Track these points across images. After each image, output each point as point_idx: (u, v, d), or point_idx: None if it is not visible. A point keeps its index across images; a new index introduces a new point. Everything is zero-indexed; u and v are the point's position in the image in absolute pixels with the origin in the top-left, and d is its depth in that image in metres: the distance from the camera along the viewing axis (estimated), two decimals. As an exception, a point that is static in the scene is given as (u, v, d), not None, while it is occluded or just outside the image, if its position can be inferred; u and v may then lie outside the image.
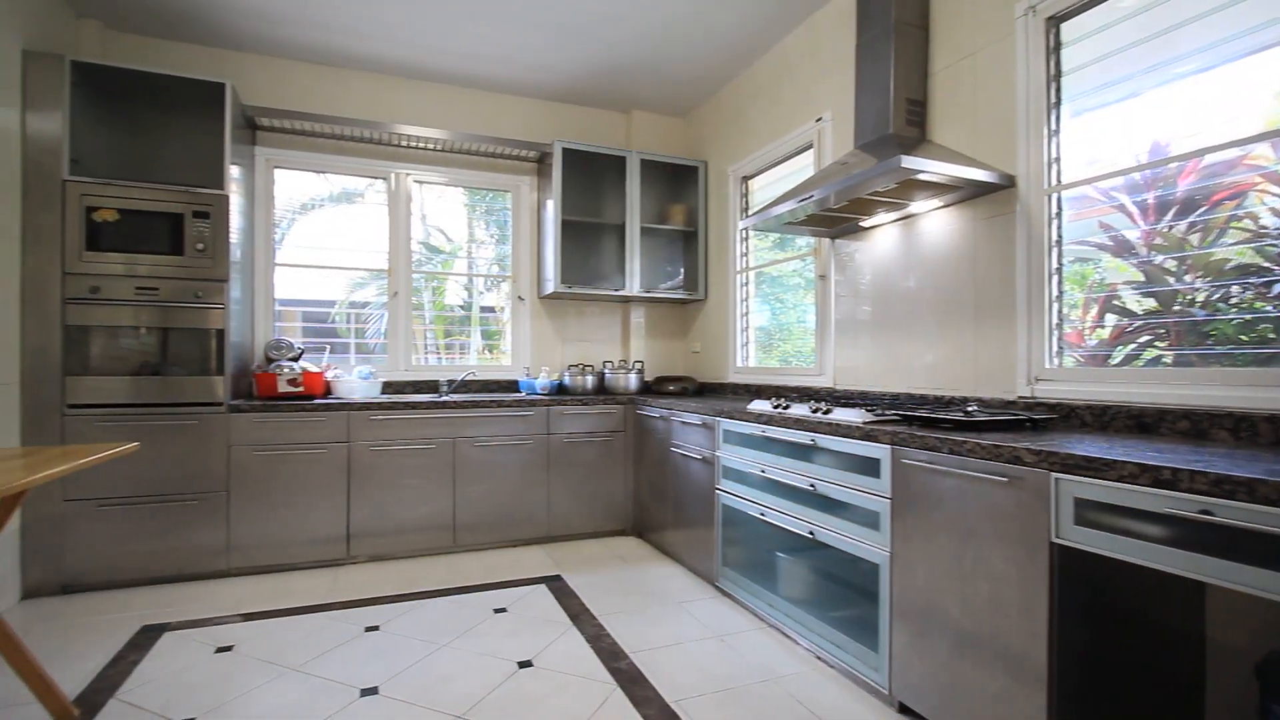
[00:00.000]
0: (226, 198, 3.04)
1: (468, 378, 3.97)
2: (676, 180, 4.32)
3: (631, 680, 2.08)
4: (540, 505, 3.55)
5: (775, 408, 2.53)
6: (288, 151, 3.70)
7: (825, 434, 2.16)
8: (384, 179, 3.95)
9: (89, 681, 2.07)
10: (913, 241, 2.58)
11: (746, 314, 3.83)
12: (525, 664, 2.19)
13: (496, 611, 2.65)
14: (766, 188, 3.70)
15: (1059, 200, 2.10)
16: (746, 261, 3.84)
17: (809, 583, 2.27)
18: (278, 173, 3.73)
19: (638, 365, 4.14)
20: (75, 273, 2.81)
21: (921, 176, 2.08)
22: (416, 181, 4.01)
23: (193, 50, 3.49)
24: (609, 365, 4.13)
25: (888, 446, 1.90)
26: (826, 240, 3.08)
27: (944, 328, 2.44)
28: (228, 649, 2.30)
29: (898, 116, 2.46)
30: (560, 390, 3.94)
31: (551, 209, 3.87)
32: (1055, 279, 2.10)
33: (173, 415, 2.93)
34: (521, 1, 3.08)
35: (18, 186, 2.73)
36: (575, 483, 3.62)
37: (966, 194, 2.28)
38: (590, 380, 3.94)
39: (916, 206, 2.46)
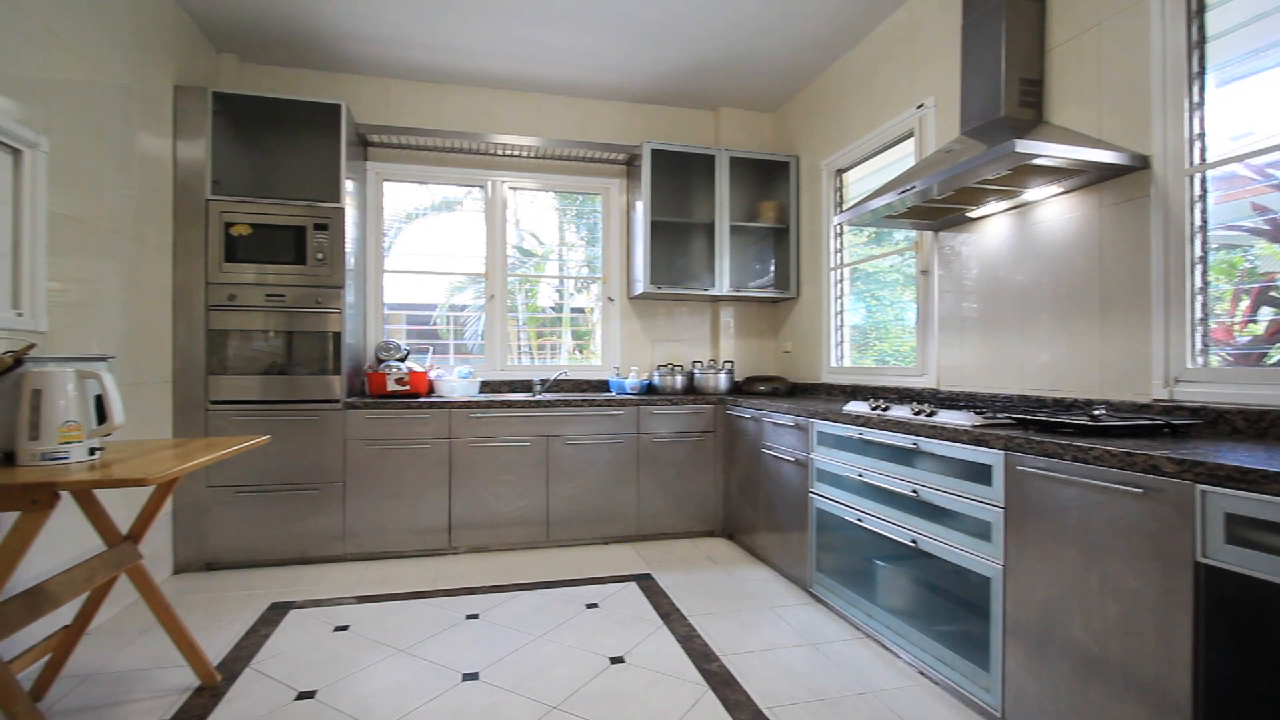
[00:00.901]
0: (342, 210, 3.28)
1: (560, 377, 4.07)
2: (766, 177, 4.24)
3: (723, 683, 2.06)
4: (630, 504, 3.59)
5: (874, 409, 2.43)
6: (395, 165, 3.94)
7: (929, 438, 2.04)
8: (481, 187, 4.13)
9: (228, 650, 2.29)
10: (1027, 232, 2.40)
11: (841, 312, 3.70)
12: (617, 660, 2.22)
13: (589, 606, 2.70)
14: (862, 180, 3.56)
15: (1203, 181, 1.88)
16: (841, 258, 3.71)
17: (911, 593, 2.16)
18: (386, 185, 3.98)
19: (727, 365, 4.10)
20: (216, 282, 3.13)
21: (1039, 161, 1.92)
22: (511, 188, 4.16)
23: (313, 76, 3.79)
24: (698, 365, 4.11)
25: (1000, 452, 1.77)
26: (929, 233, 2.92)
27: (1063, 324, 2.25)
28: (344, 628, 2.48)
29: (1010, 98, 2.29)
30: (650, 390, 3.97)
31: (641, 210, 3.90)
32: (1198, 269, 1.88)
33: (297, 411, 3.19)
34: (607, 6, 3.13)
35: (169, 207, 3.07)
36: (665, 482, 3.63)
37: (1090, 178, 2.09)
38: (680, 380, 3.94)
39: (1032, 194, 2.28)
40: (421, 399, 3.40)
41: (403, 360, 3.63)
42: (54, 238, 2.26)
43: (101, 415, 1.70)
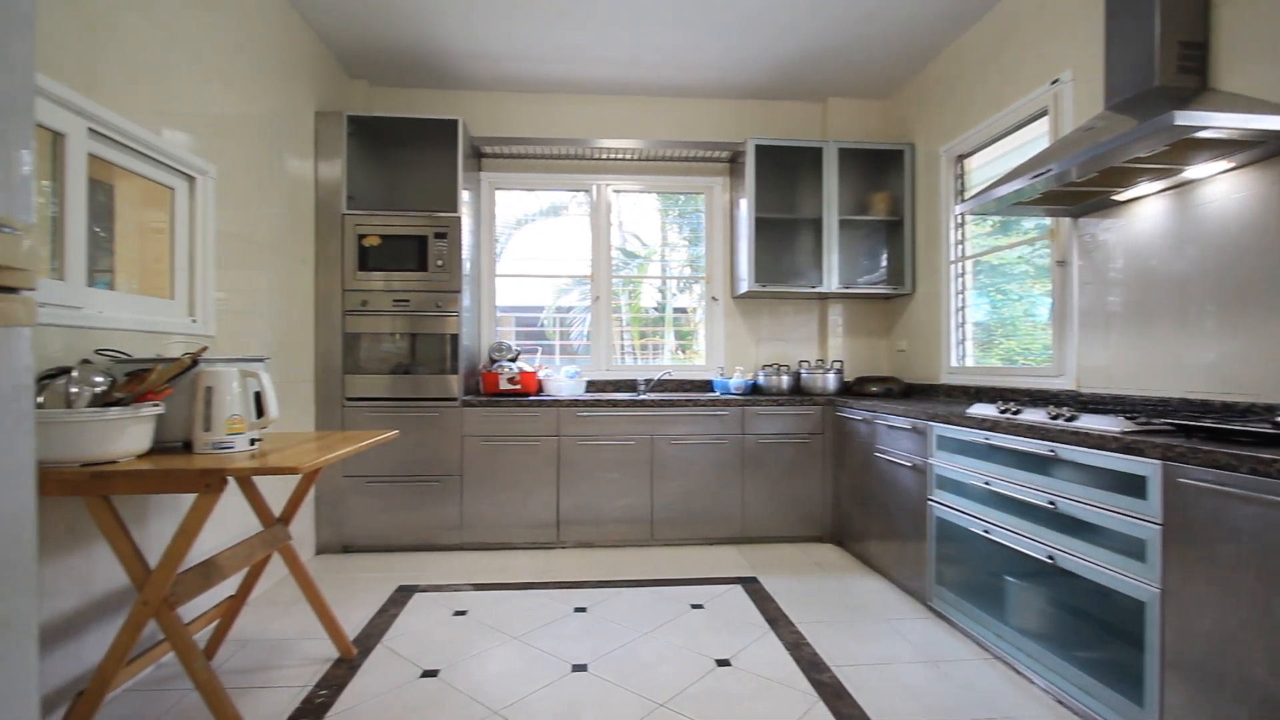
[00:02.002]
0: (459, 219, 3.48)
1: (664, 377, 4.09)
2: (878, 167, 4.05)
3: (835, 695, 1.98)
4: (734, 506, 3.54)
5: (1002, 412, 2.24)
6: (505, 174, 4.13)
7: (1069, 444, 1.86)
8: (586, 191, 4.23)
9: (362, 627, 2.49)
10: (1187, 215, 2.12)
11: (962, 308, 3.46)
12: (723, 662, 2.20)
13: (694, 607, 2.69)
14: (985, 167, 3.31)
15: None
16: (962, 250, 3.46)
17: (1047, 613, 1.97)
18: (498, 194, 4.18)
19: (836, 365, 3.95)
20: (350, 289, 3.41)
21: (1205, 134, 1.70)
22: (615, 191, 4.24)
23: (433, 94, 4.05)
24: (805, 365, 3.99)
25: (1157, 462, 1.58)
26: (1066, 220, 2.66)
27: (1233, 318, 1.97)
28: (463, 613, 2.62)
29: (1166, 64, 2.04)
30: (755, 390, 3.90)
31: (745, 207, 3.84)
32: None
33: (419, 408, 3.42)
34: (711, 6, 3.11)
35: (312, 222, 3.39)
36: (770, 485, 3.55)
37: (1270, 150, 1.82)
38: (786, 380, 3.84)
39: (1194, 171, 2.01)
40: (531, 398, 3.53)
41: (514, 360, 3.79)
42: (220, 253, 2.56)
43: (259, 410, 1.90)
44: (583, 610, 2.65)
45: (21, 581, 0.77)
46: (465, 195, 3.59)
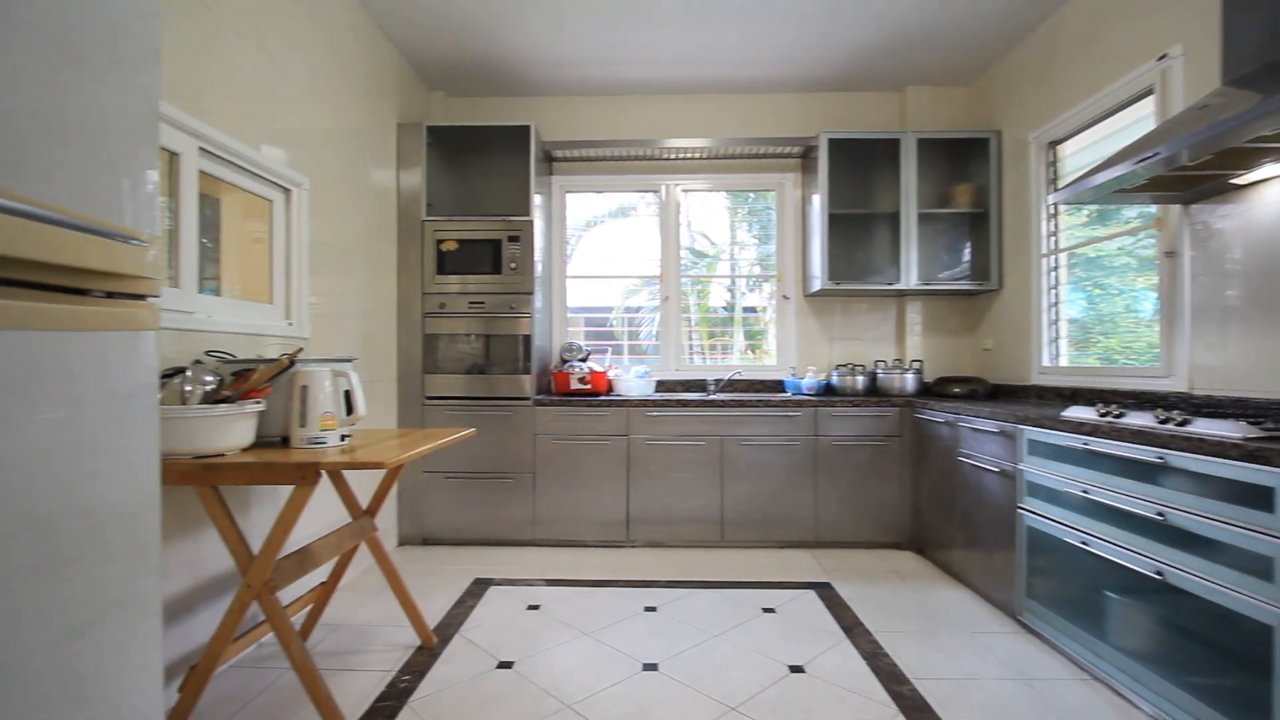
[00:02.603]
0: (531, 222, 3.56)
1: (734, 377, 4.05)
2: (960, 157, 3.86)
3: (916, 709, 1.90)
4: (807, 509, 3.46)
5: (1102, 416, 2.09)
6: (575, 177, 4.20)
7: (1182, 451, 1.71)
8: (655, 191, 4.24)
9: (441, 617, 2.58)
10: (1325, 196, 1.91)
11: (1056, 304, 3.24)
12: (797, 669, 2.15)
13: (765, 611, 2.64)
14: (1081, 153, 3.09)
15: None
16: (1055, 242, 3.25)
17: (1155, 634, 1.82)
18: (568, 196, 4.25)
19: (915, 365, 3.79)
20: (429, 292, 3.56)
21: (1346, 105, 1.52)
22: (684, 190, 4.23)
23: (506, 102, 4.16)
24: (881, 365, 3.85)
25: (1290, 471, 1.43)
26: (1175, 208, 2.45)
27: (1386, 311, 1.75)
28: (536, 607, 2.68)
29: (1298, 31, 1.84)
30: (828, 391, 3.79)
31: (817, 203, 3.75)
32: None
33: (494, 407, 3.52)
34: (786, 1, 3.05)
35: (394, 228, 3.56)
36: (845, 488, 3.45)
37: None
38: (861, 381, 3.71)
39: (1332, 148, 1.81)
40: (601, 397, 3.57)
41: (584, 360, 3.84)
42: (313, 260, 2.72)
43: (349, 408, 2.00)
44: (653, 609, 2.66)
45: (148, 562, 0.85)
46: (537, 199, 3.67)
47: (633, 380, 3.75)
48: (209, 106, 2.09)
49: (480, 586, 2.93)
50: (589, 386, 3.67)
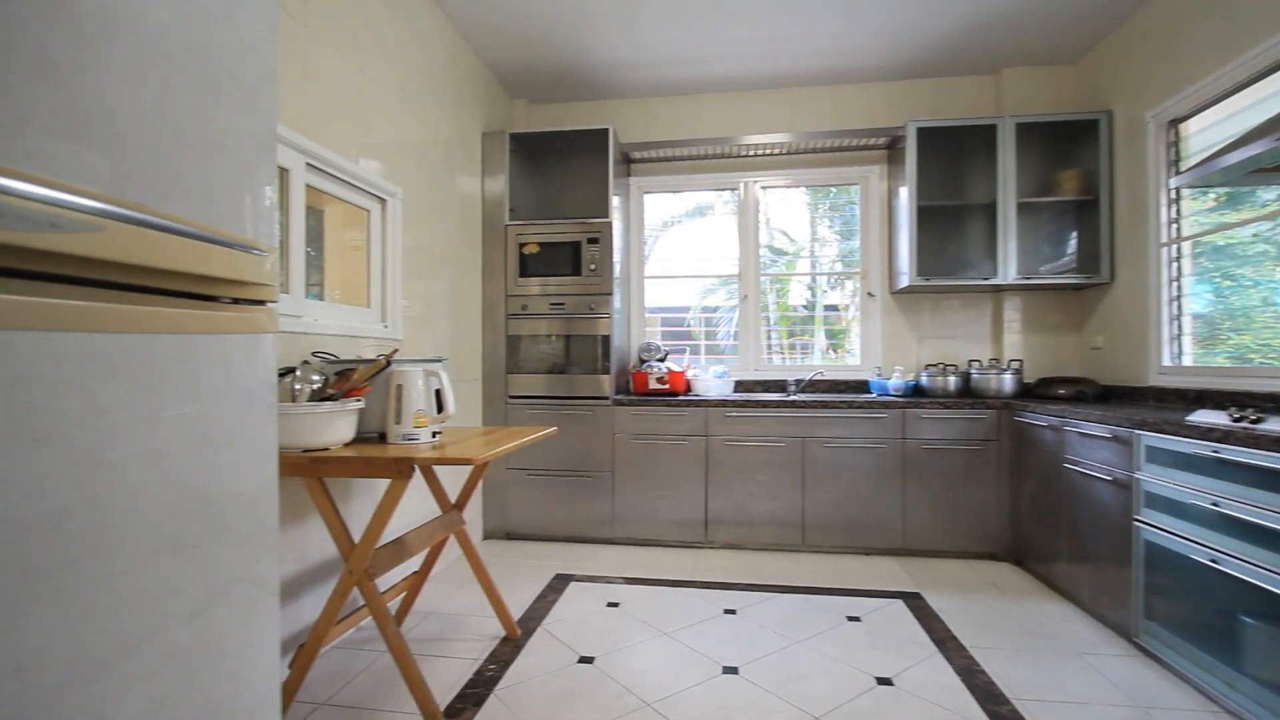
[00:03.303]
0: (610, 224, 3.61)
1: (815, 377, 3.94)
2: (1064, 141, 3.58)
3: (1018, 732, 1.78)
4: (894, 515, 3.32)
5: (1236, 420, 1.88)
6: (653, 177, 4.21)
7: (1337, 461, 1.51)
8: (733, 189, 4.19)
9: (524, 610, 2.66)
10: None
11: (1178, 297, 2.95)
12: (884, 681, 2.06)
13: (849, 619, 2.56)
14: (1206, 131, 2.80)
15: None
16: (1177, 230, 2.96)
17: (1304, 668, 1.62)
18: (646, 197, 4.28)
19: (1014, 365, 3.56)
20: (512, 294, 3.67)
21: None
22: (763, 187, 4.16)
23: (585, 106, 4.24)
24: (976, 365, 3.64)
25: None
26: (1326, 186, 2.18)
27: None
28: (615, 605, 2.71)
29: None
30: (917, 392, 3.62)
31: (905, 196, 3.59)
32: None
33: (573, 406, 3.59)
34: (870, -19, 2.94)
35: (479, 233, 3.69)
36: (935, 494, 3.28)
37: None
38: (953, 381, 3.52)
39: None
40: (680, 397, 3.57)
41: (662, 360, 3.85)
42: (405, 265, 2.87)
43: (439, 406, 2.10)
44: (732, 612, 2.63)
45: (267, 546, 0.92)
46: (615, 201, 3.72)
47: (711, 380, 3.73)
48: (314, 124, 2.24)
49: (561, 582, 2.99)
50: (667, 386, 3.67)
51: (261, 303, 0.92)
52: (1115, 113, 3.33)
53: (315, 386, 1.90)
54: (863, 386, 3.90)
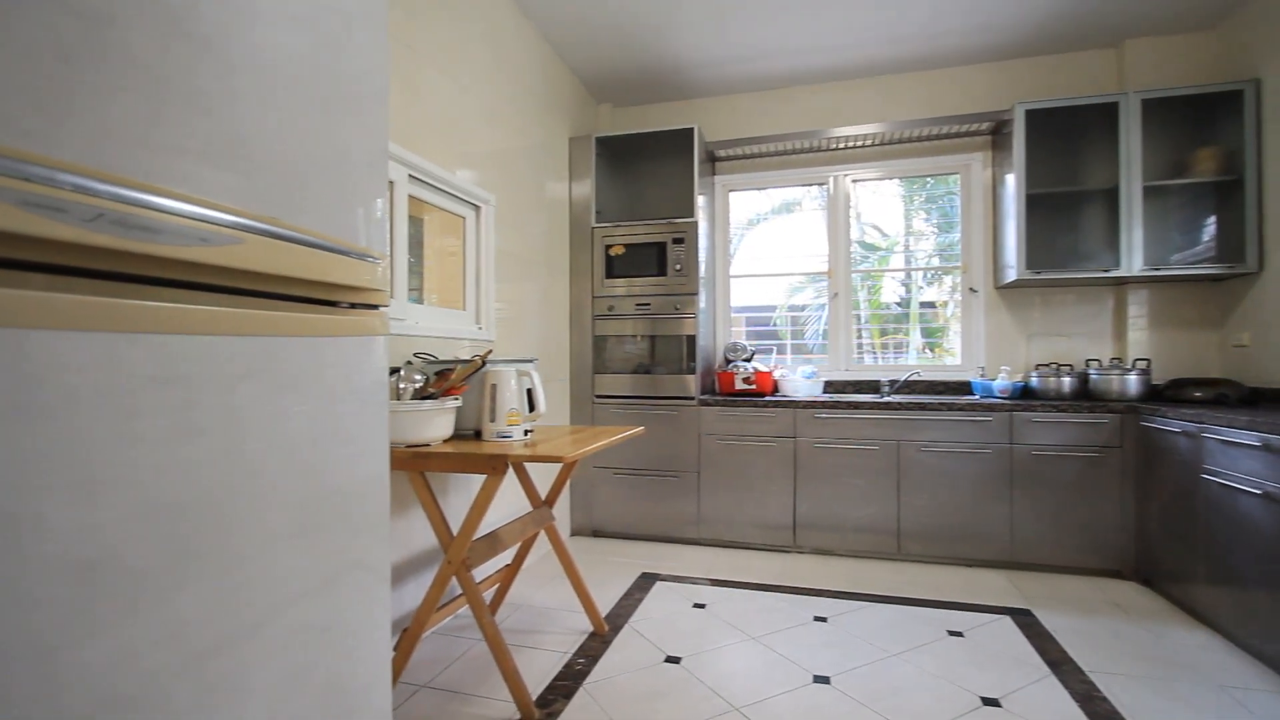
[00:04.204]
0: (696, 224, 3.60)
1: (911, 378, 3.76)
2: (1199, 117, 3.23)
3: (1148, 768, 1.62)
4: (1000, 524, 3.11)
5: None
6: (738, 175, 4.16)
7: None
8: (821, 184, 4.07)
9: (610, 607, 2.69)
10: None
11: (1343, 288, 2.60)
12: (991, 701, 1.94)
13: (951, 634, 2.42)
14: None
15: None
16: (1342, 211, 2.60)
17: None
18: (731, 195, 4.23)
19: (1140, 364, 3.25)
20: (599, 295, 3.74)
21: None
22: (853, 180, 4.01)
23: (669, 107, 4.25)
24: (1095, 365, 3.35)
25: None
26: None
27: None
28: (702, 606, 2.69)
29: None
30: (1025, 393, 3.38)
31: (1011, 184, 3.36)
32: None
33: (659, 406, 3.61)
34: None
35: (567, 236, 3.79)
36: (1048, 504, 3.05)
37: None
38: (1068, 383, 3.26)
39: None
40: (767, 398, 3.50)
41: (749, 360, 3.80)
42: (498, 268, 2.98)
43: (531, 405, 2.17)
44: (823, 620, 2.55)
45: (380, 534, 0.99)
46: (700, 200, 3.70)
47: (799, 380, 3.64)
48: (416, 137, 2.37)
49: (647, 580, 3.01)
50: (754, 386, 3.62)
51: (375, 307, 0.99)
52: (1264, 82, 2.97)
53: (417, 385, 2.01)
54: (964, 388, 3.69)
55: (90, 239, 0.60)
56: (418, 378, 2.03)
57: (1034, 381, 3.34)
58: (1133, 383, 3.13)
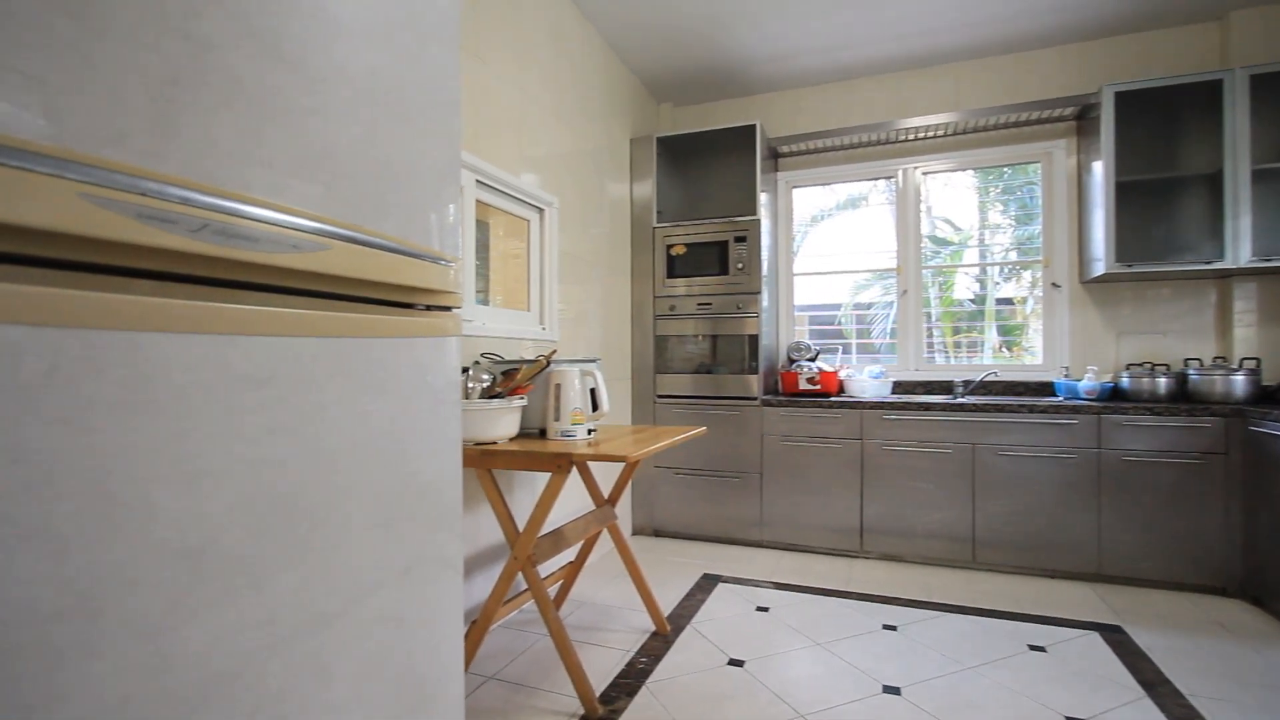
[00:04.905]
0: (758, 221, 3.55)
1: (988, 378, 3.58)
2: (1319, 92, 2.95)
3: (1260, 804, 1.49)
4: (1086, 534, 2.92)
5: None
6: (802, 171, 4.08)
7: None
8: (889, 178, 3.94)
9: (672, 607, 2.69)
10: None
11: None
12: (1077, 723, 1.83)
13: (1032, 648, 2.29)
14: None
15: None
16: None
17: None
18: (795, 192, 4.15)
19: (1248, 364, 2.99)
20: (660, 295, 3.74)
21: None
22: (924, 173, 3.86)
23: (730, 104, 4.21)
24: (1195, 364, 3.10)
25: None
26: None
27: None
28: (765, 609, 2.65)
29: None
30: (1115, 395, 3.16)
31: (1099, 171, 3.15)
32: None
33: (721, 407, 3.58)
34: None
35: (628, 237, 3.81)
36: (1141, 513, 2.84)
37: None
38: (1164, 383, 3.03)
39: None
40: (832, 398, 3.42)
41: (813, 360, 3.72)
42: (560, 270, 3.03)
43: (594, 404, 2.19)
44: (892, 628, 2.47)
45: (453, 528, 1.02)
46: (763, 198, 3.65)
47: (866, 380, 3.53)
48: (483, 143, 2.44)
49: (709, 582, 2.99)
50: (818, 387, 3.54)
51: (448, 309, 1.02)
52: (1397, 50, 2.68)
53: (485, 385, 2.07)
54: (1045, 389, 3.49)
55: (196, 247, 0.64)
56: (485, 377, 2.08)
57: (1125, 382, 3.13)
58: (1239, 384, 2.88)
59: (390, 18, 0.91)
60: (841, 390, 3.60)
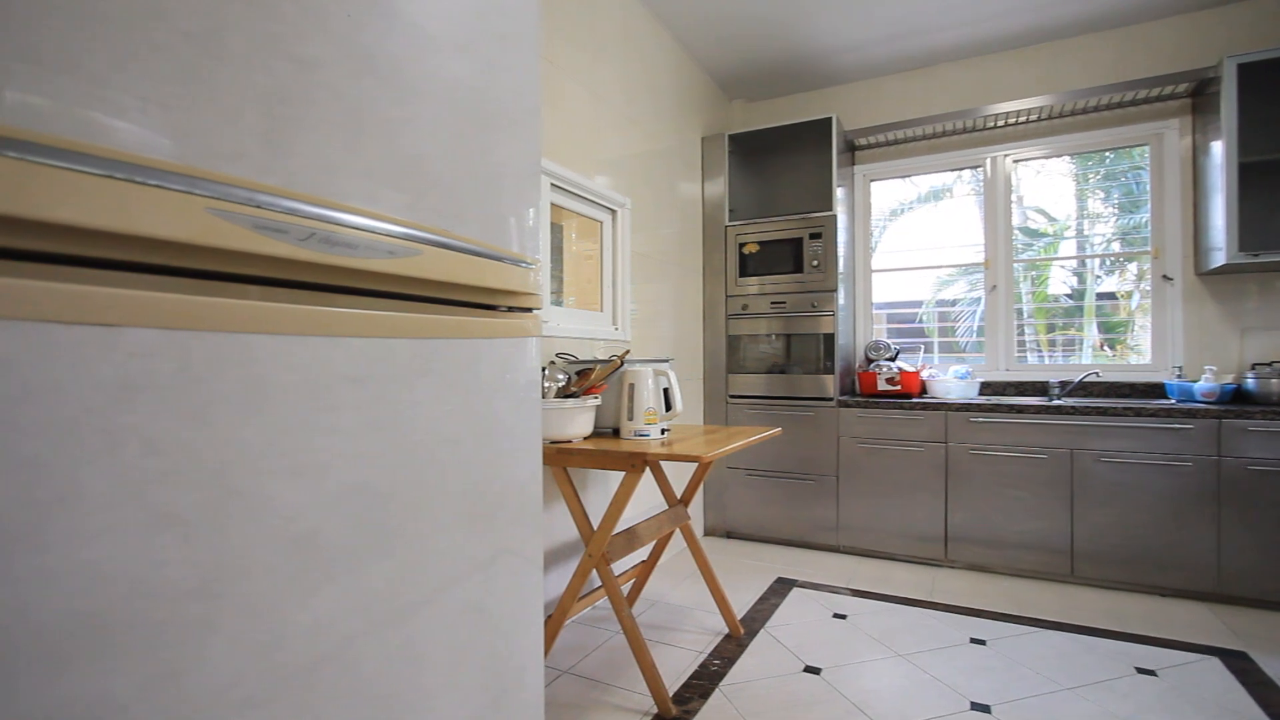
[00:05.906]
0: (834, 217, 3.45)
1: (1088, 378, 3.34)
2: None
3: None
4: (1204, 549, 2.67)
5: None
6: (880, 164, 3.93)
7: None
8: (976, 167, 3.74)
9: (745, 610, 2.65)
10: None
11: None
12: (1195, 756, 1.67)
13: (1140, 671, 2.12)
14: None
15: None
16: None
17: None
18: (873, 185, 4.01)
19: (1399, 363, 2.65)
20: (733, 294, 3.70)
21: None
22: (1014, 161, 3.64)
23: (804, 97, 4.11)
24: (1332, 364, 2.78)
25: None
26: None
27: None
28: (842, 616, 2.58)
29: None
30: (1238, 397, 2.88)
31: (1218, 152, 2.88)
32: None
33: (795, 407, 3.50)
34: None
35: (699, 235, 3.79)
36: (1268, 528, 2.57)
37: None
38: (1294, 385, 2.74)
39: None
40: (913, 399, 3.28)
41: (892, 360, 3.58)
42: (633, 270, 3.05)
43: (667, 404, 2.19)
44: (980, 642, 2.34)
45: (534, 524, 1.05)
46: (839, 192, 3.54)
47: (951, 381, 3.37)
48: (558, 147, 2.49)
49: (783, 586, 2.93)
50: (898, 387, 3.40)
51: (528, 310, 1.05)
52: None
53: (560, 384, 2.11)
54: (1155, 390, 3.21)
55: (303, 255, 0.69)
56: (560, 377, 2.13)
57: (1250, 383, 2.84)
58: (1392, 386, 2.56)
59: (474, 29, 0.94)
60: (924, 391, 3.45)
